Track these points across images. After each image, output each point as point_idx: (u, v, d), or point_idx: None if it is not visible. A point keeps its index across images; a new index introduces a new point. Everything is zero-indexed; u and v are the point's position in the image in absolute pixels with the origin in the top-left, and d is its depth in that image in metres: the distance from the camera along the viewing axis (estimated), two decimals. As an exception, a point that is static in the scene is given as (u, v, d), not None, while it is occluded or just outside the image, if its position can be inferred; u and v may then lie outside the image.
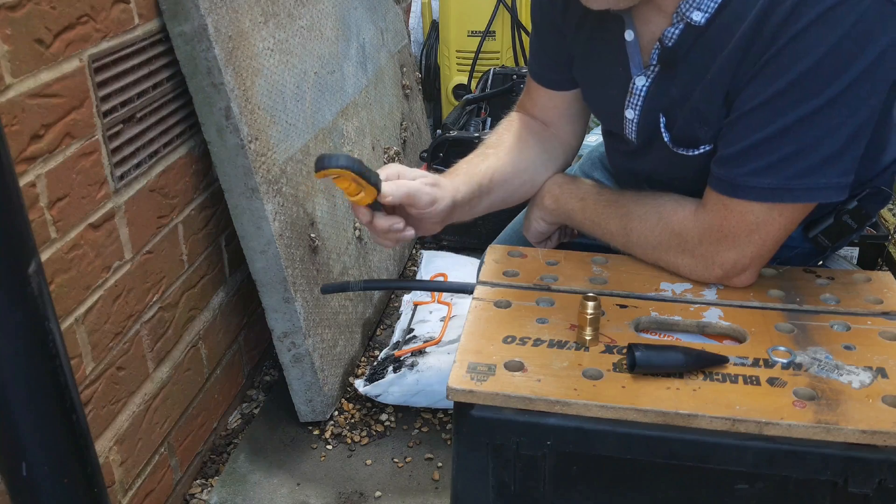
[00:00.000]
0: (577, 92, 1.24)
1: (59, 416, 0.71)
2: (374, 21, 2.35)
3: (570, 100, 1.25)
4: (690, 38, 0.99)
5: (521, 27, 3.00)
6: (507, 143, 1.23)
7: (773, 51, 0.90)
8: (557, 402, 0.84)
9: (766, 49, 0.91)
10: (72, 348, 1.21)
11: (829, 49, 0.88)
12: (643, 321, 0.99)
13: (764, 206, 0.97)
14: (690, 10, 0.97)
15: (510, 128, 1.27)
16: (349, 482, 1.63)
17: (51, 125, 1.14)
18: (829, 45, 0.88)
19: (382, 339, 2.11)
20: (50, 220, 1.14)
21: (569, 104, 1.26)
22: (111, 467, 1.33)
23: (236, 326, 1.81)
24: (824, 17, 0.87)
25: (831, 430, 0.79)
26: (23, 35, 1.07)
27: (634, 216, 1.09)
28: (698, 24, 0.97)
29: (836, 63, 0.88)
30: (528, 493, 0.90)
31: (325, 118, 1.89)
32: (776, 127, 0.93)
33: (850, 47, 0.88)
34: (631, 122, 1.11)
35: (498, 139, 1.25)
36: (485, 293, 1.05)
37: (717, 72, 0.97)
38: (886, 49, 0.88)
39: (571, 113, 1.27)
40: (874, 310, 1.01)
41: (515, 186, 1.22)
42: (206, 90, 1.46)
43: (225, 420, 1.80)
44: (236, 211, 1.56)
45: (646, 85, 1.06)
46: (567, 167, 1.31)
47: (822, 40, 0.88)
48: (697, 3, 0.96)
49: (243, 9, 1.55)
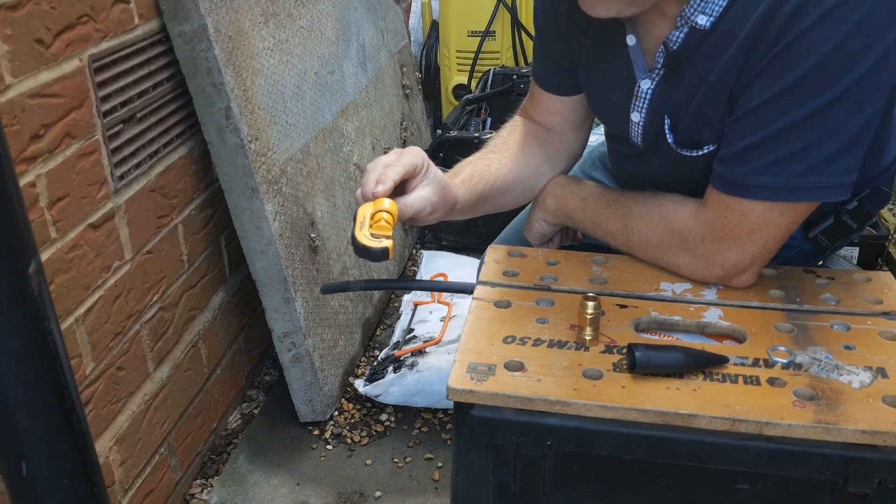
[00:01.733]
0: (582, 97, 1.23)
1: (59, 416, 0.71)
2: (374, 21, 2.35)
3: (574, 105, 1.25)
4: (695, 42, 0.98)
5: (521, 27, 3.00)
6: (511, 149, 1.24)
7: (777, 49, 0.90)
8: (557, 402, 0.84)
9: (771, 48, 0.91)
10: (72, 348, 1.21)
11: (834, 48, 0.88)
12: (643, 321, 0.99)
13: (766, 205, 0.97)
14: (695, 15, 0.96)
15: (514, 133, 1.27)
16: (349, 482, 1.63)
17: (51, 125, 1.14)
18: (834, 44, 0.87)
19: (382, 339, 2.11)
20: (50, 220, 1.14)
21: (573, 109, 1.25)
22: (111, 467, 1.33)
23: (236, 326, 1.81)
24: (828, 16, 0.87)
25: (831, 430, 0.79)
26: (23, 35, 1.07)
27: (635, 216, 1.09)
28: (703, 27, 0.97)
29: (840, 62, 0.88)
30: (528, 493, 0.90)
31: (325, 118, 1.89)
32: (779, 125, 0.92)
33: (854, 46, 0.88)
34: (637, 125, 1.10)
35: (503, 144, 1.25)
36: (485, 293, 1.05)
37: (720, 73, 0.97)
38: (891, 47, 0.88)
39: (575, 118, 1.27)
40: (874, 310, 1.00)
41: (517, 193, 1.23)
42: (206, 90, 1.46)
43: (225, 420, 1.80)
44: (236, 211, 1.56)
45: (651, 88, 1.06)
46: (569, 171, 1.31)
47: (826, 39, 0.88)
48: (703, 7, 0.96)
49: (243, 9, 1.55)
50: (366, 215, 0.96)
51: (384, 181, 0.99)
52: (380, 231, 0.94)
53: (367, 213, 0.96)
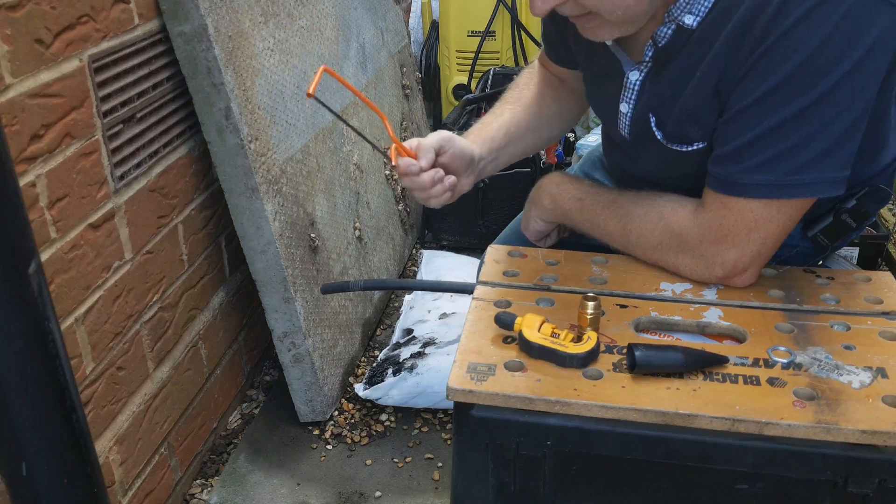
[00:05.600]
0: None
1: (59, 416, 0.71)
2: (374, 21, 2.35)
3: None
4: (681, 39, 0.99)
5: (521, 27, 3.00)
6: (525, 98, 1.33)
7: (762, 48, 0.91)
8: (557, 402, 0.84)
9: (756, 47, 0.91)
10: (72, 348, 1.21)
11: (819, 45, 0.88)
12: (643, 321, 0.99)
13: (762, 203, 0.97)
14: (682, 14, 0.97)
15: (530, 83, 1.36)
16: (349, 482, 1.63)
17: (51, 125, 1.14)
18: (819, 41, 0.88)
19: (382, 339, 2.11)
20: (50, 220, 1.14)
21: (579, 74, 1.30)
22: (111, 467, 1.33)
23: (236, 326, 1.81)
24: (812, 13, 0.88)
25: (831, 430, 0.79)
26: (23, 35, 1.07)
27: (634, 217, 1.09)
28: (690, 27, 0.97)
29: (826, 58, 0.89)
30: (528, 493, 0.90)
31: (325, 118, 1.89)
32: (770, 124, 0.93)
33: (839, 42, 0.88)
34: (625, 115, 1.12)
35: (518, 95, 1.34)
36: (485, 293, 1.05)
37: (705, 70, 0.97)
38: (876, 42, 0.89)
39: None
40: (874, 310, 1.01)
41: (534, 139, 1.32)
42: (206, 90, 1.46)
43: (225, 420, 1.80)
44: (236, 211, 1.56)
45: (639, 80, 1.07)
46: (580, 119, 1.37)
47: (810, 36, 0.88)
48: (689, 6, 0.97)
49: (243, 9, 1.55)
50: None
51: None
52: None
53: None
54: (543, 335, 0.91)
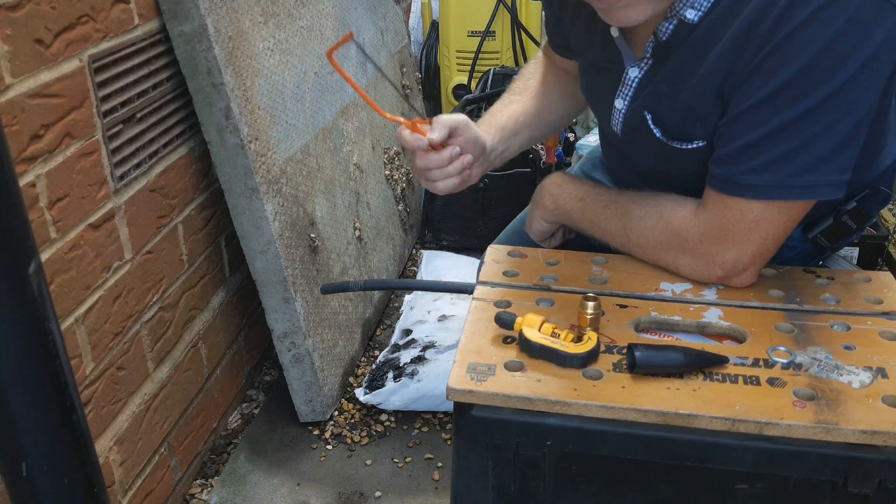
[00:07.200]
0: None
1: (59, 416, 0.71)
2: (374, 21, 2.35)
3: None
4: (683, 34, 0.99)
5: (521, 27, 3.00)
6: (532, 87, 1.35)
7: (768, 49, 0.91)
8: (557, 402, 0.84)
9: (762, 47, 0.91)
10: (72, 348, 1.21)
11: (824, 46, 0.88)
12: (643, 321, 0.99)
13: (763, 203, 0.97)
14: (684, 9, 0.97)
15: (536, 73, 1.38)
16: (349, 482, 1.63)
17: (51, 125, 1.14)
18: (824, 43, 0.88)
19: (382, 340, 2.11)
20: (50, 220, 1.14)
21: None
22: (111, 467, 1.33)
23: (236, 326, 1.81)
24: (818, 14, 0.87)
25: (831, 431, 0.79)
26: (23, 35, 1.07)
27: (634, 216, 1.09)
28: (692, 21, 0.97)
29: (831, 60, 0.89)
30: (528, 493, 0.90)
31: (325, 118, 1.89)
32: (773, 125, 0.93)
33: (844, 44, 0.88)
34: (619, 111, 1.11)
35: (525, 85, 1.37)
36: (485, 293, 1.05)
37: (708, 68, 0.97)
38: (881, 45, 0.89)
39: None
40: (874, 310, 1.00)
41: (542, 126, 1.35)
42: (206, 90, 1.46)
43: (225, 420, 1.80)
44: (236, 211, 1.56)
45: (638, 77, 1.07)
46: (586, 107, 1.39)
47: (816, 38, 0.88)
48: (692, 1, 0.96)
49: (243, 9, 1.55)
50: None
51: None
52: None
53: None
54: (543, 335, 0.91)
